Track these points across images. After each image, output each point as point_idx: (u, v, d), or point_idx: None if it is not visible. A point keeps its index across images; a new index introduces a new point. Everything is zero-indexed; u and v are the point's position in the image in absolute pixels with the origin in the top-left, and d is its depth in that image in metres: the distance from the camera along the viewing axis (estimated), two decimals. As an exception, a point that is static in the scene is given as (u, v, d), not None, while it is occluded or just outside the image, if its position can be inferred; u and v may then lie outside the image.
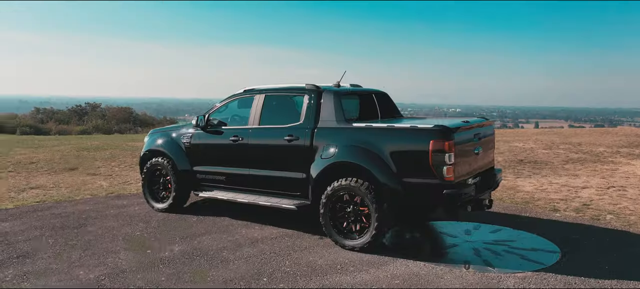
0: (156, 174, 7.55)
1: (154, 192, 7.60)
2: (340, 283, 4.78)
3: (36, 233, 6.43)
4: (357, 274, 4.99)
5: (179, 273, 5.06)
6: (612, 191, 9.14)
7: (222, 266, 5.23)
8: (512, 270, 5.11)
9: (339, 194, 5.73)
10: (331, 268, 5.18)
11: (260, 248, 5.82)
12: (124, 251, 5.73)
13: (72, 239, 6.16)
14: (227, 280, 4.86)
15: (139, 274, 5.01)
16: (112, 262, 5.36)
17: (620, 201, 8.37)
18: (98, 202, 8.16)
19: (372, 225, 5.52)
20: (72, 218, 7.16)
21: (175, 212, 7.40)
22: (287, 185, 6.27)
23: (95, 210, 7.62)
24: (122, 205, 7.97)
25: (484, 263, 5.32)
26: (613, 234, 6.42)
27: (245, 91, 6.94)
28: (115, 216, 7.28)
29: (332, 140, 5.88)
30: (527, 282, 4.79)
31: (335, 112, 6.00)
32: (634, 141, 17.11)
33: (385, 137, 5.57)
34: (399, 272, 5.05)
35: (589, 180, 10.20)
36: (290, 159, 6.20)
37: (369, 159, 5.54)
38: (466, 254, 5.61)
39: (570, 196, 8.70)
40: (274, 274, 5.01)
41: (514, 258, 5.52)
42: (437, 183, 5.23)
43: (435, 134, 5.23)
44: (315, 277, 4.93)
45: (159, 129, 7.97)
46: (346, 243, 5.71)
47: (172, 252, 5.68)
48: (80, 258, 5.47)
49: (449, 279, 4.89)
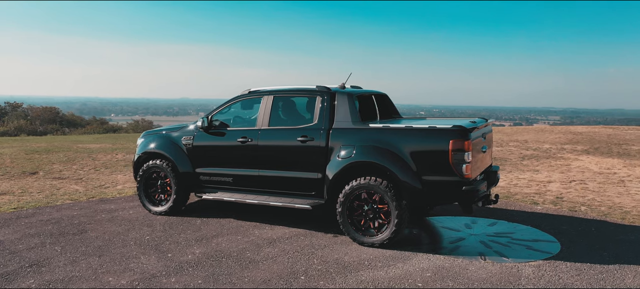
0: (153, 176, 7.39)
1: (151, 195, 7.43)
2: (376, 278, 4.97)
3: (35, 240, 6.13)
4: (388, 269, 5.20)
5: (214, 274, 5.05)
6: (574, 185, 9.94)
7: (253, 267, 5.27)
8: (525, 259, 5.52)
9: (357, 193, 5.92)
10: (359, 264, 5.37)
11: (281, 247, 5.90)
12: (143, 255, 5.61)
13: (80, 245, 5.95)
14: (266, 280, 4.92)
15: (172, 278, 4.96)
16: (138, 267, 5.25)
17: (586, 193, 9.13)
18: (83, 208, 7.85)
19: (392, 222, 5.75)
20: (65, 223, 6.87)
21: (175, 215, 7.29)
22: (302, 185, 6.37)
23: (86, 215, 7.35)
24: (112, 209, 7.72)
25: (497, 254, 5.70)
26: (595, 224, 7.03)
27: (250, 92, 6.96)
28: (111, 220, 7.07)
29: (349, 140, 6.05)
30: (543, 270, 5.21)
31: (351, 114, 6.18)
32: (572, 139, 18.50)
33: (404, 138, 5.81)
34: (425, 266, 5.32)
35: (550, 175, 11.01)
36: (304, 160, 6.30)
37: (390, 159, 5.76)
38: (477, 247, 5.97)
39: (542, 190, 9.38)
40: (308, 272, 5.12)
41: (521, 248, 5.94)
42: (457, 180, 5.54)
43: (455, 134, 5.54)
44: (349, 273, 5.09)
45: (153, 131, 7.80)
46: (365, 240, 5.91)
47: (195, 255, 5.64)
48: (101, 265, 5.31)
49: (473, 270, 5.21)
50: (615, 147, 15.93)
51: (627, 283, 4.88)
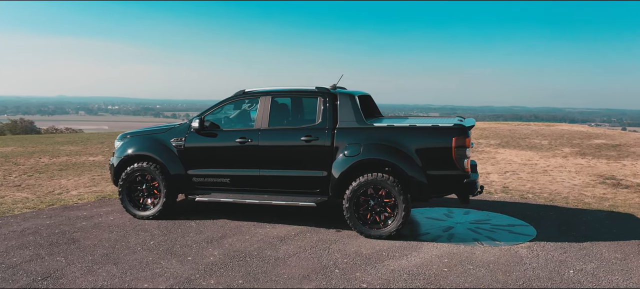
0: (137, 180, 7.13)
1: (135, 200, 7.17)
2: (403, 267, 5.36)
3: (27, 252, 5.72)
4: (409, 258, 5.62)
5: (250, 273, 5.12)
6: (509, 175, 11.11)
7: (282, 264, 5.41)
8: (515, 242, 6.23)
9: (364, 188, 6.27)
10: (379, 255, 5.72)
11: (296, 244, 6.07)
12: (162, 260, 5.50)
13: (83, 254, 5.65)
14: (305, 276, 5.10)
15: (211, 280, 4.96)
16: (165, 272, 5.15)
17: (524, 183, 10.28)
18: (52, 216, 7.34)
19: (400, 214, 6.18)
20: (47, 233, 6.43)
21: (164, 219, 7.11)
22: (306, 183, 6.57)
23: (63, 224, 6.91)
24: (86, 216, 7.31)
25: (490, 239, 6.36)
26: (549, 209, 8.03)
27: (245, 93, 7.00)
28: (96, 227, 6.73)
29: (355, 139, 6.37)
30: (535, 250, 5.93)
31: (355, 114, 6.50)
32: (482, 133, 20.31)
33: (409, 136, 6.26)
34: (437, 253, 5.82)
35: (485, 167, 12.16)
36: (309, 159, 6.51)
37: (398, 156, 6.18)
38: (469, 234, 6.60)
39: (488, 181, 10.39)
40: (338, 265, 5.38)
41: (505, 233, 6.67)
42: (459, 174, 6.11)
43: (458, 132, 6.10)
44: (377, 264, 5.43)
45: (133, 133, 7.49)
46: (372, 233, 6.27)
47: (215, 256, 5.63)
48: (124, 272, 5.13)
49: (479, 254, 5.81)
50: (522, 141, 17.80)
51: (605, 255, 5.75)
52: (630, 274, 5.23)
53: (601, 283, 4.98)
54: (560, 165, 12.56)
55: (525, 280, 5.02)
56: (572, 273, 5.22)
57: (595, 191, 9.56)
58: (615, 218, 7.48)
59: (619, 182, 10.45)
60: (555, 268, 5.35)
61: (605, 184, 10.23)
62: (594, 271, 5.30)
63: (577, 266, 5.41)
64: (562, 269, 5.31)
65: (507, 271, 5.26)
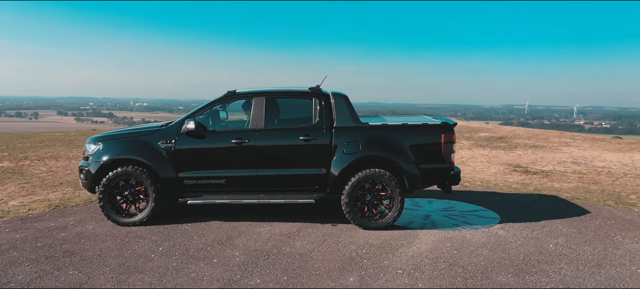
0: (120, 185, 6.78)
1: (117, 206, 6.80)
2: (416, 253, 5.90)
3: (28, 268, 5.27)
4: (417, 245, 6.18)
5: (288, 270, 5.30)
6: (464, 167, 12.24)
7: (310, 259, 5.65)
8: (488, 225, 7.11)
9: (363, 183, 6.70)
10: (388, 244, 6.21)
11: (307, 240, 6.31)
12: (190, 264, 5.42)
13: (94, 266, 5.36)
14: (340, 268, 5.40)
15: (256, 278, 5.05)
16: (204, 275, 5.12)
17: (475, 174, 11.39)
18: (17, 230, 6.65)
19: (396, 206, 6.72)
20: (31, 248, 5.90)
21: (151, 224, 6.84)
22: (305, 181, 6.80)
23: (36, 237, 6.33)
24: (59, 227, 6.74)
25: (466, 224, 7.17)
26: (491, 195, 9.14)
27: (237, 94, 7.01)
28: (84, 238, 6.29)
29: (353, 137, 6.77)
30: (509, 231, 6.84)
31: (350, 113, 6.88)
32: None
33: (404, 133, 6.82)
34: (437, 238, 6.46)
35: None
36: (308, 157, 6.76)
37: (394, 152, 6.71)
38: (446, 220, 7.34)
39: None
40: (361, 255, 5.76)
41: (475, 218, 7.54)
42: (447, 167, 6.83)
43: (446, 129, 6.80)
44: (393, 253, 5.90)
45: (110, 135, 7.06)
46: (370, 224, 6.73)
47: (240, 257, 5.68)
48: (159, 280, 5.00)
49: (469, 237, 6.56)
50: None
51: (564, 231, 6.85)
52: (595, 244, 6.33)
53: (579, 253, 5.99)
54: (471, 156, 14.11)
55: (524, 255, 5.86)
56: (552, 247, 6.18)
57: (514, 177, 11.01)
58: (546, 200, 8.79)
59: (526, 169, 12.11)
60: (537, 244, 6.28)
61: (518, 172, 11.80)
62: (566, 243, 6.32)
63: (551, 241, 6.40)
64: (542, 245, 6.26)
65: (503, 249, 6.06)
